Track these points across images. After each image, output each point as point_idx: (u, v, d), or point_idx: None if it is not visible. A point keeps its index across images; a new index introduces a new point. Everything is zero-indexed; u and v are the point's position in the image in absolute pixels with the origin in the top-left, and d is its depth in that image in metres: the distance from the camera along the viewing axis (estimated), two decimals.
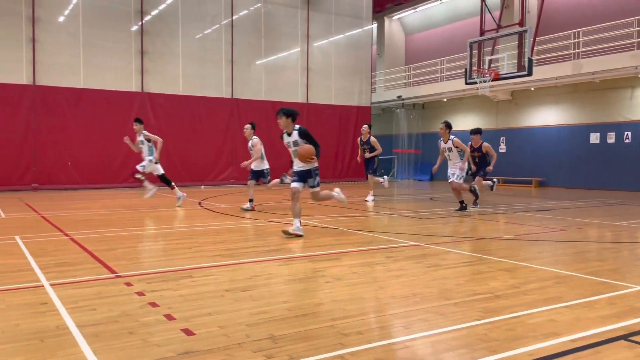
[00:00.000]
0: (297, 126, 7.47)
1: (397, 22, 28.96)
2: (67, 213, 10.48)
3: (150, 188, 12.10)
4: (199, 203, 12.80)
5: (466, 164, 10.82)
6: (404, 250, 6.53)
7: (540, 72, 18.86)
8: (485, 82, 18.12)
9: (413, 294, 4.40)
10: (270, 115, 20.81)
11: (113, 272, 5.15)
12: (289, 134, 7.50)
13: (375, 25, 27.27)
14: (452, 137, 10.72)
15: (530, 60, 16.63)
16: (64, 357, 3.00)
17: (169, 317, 3.70)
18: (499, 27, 19.48)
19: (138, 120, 11.79)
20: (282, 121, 7.45)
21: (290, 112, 7.49)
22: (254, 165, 11.10)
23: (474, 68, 18.41)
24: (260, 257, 6.01)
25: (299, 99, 21.67)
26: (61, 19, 17.28)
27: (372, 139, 13.23)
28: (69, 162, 17.11)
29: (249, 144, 11.21)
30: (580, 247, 6.98)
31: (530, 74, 16.78)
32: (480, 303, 4.12)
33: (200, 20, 19.52)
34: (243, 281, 4.83)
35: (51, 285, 4.60)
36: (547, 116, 20.70)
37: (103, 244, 6.78)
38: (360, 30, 23.23)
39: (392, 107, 26.65)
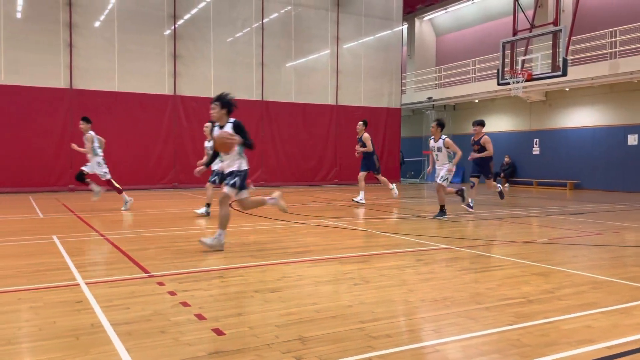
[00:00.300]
0: (232, 119, 6.66)
1: (428, 23, 28.71)
2: (102, 213, 10.72)
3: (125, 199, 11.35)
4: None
5: (454, 167, 10.22)
6: (434, 253, 6.47)
7: (576, 72, 18.42)
8: (518, 82, 17.79)
9: (443, 298, 4.35)
10: (299, 117, 20.93)
11: (146, 271, 5.24)
12: (221, 127, 6.65)
13: (405, 26, 27.10)
14: (444, 136, 10.24)
15: (565, 60, 16.26)
16: (98, 354, 3.07)
17: (200, 317, 3.75)
18: (533, 26, 19.10)
19: (85, 119, 11.25)
20: (216, 112, 6.58)
21: (228, 102, 6.64)
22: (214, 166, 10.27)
23: (507, 68, 18.10)
24: (290, 259, 6.04)
25: (329, 100, 21.70)
26: (97, 24, 17.73)
27: (365, 135, 12.77)
28: None
29: (210, 143, 10.47)
30: (618, 251, 6.78)
31: (565, 74, 16.40)
32: (513, 308, 4.05)
33: (231, 24, 19.75)
34: (272, 282, 4.86)
35: (86, 283, 4.71)
36: (583, 117, 20.20)
37: (136, 244, 6.92)
38: (390, 31, 23.11)
39: (423, 108, 26.42)
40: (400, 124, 23.63)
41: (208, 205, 10.42)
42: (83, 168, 11.23)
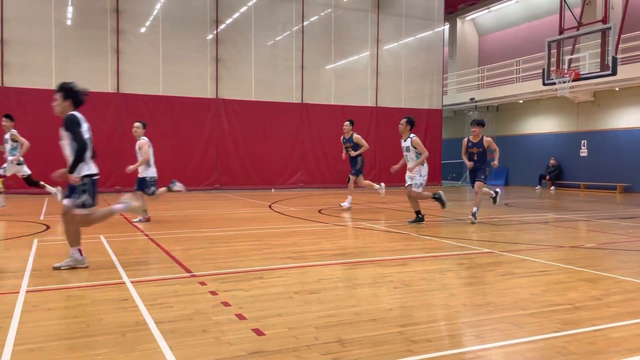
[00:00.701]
0: (71, 112, 5.45)
1: (470, 23, 28.25)
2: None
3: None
4: (269, 206, 13.05)
5: (424, 167, 9.46)
6: (476, 257, 6.35)
7: (626, 71, 17.73)
8: (564, 82, 17.28)
9: (486, 303, 4.26)
10: (339, 119, 20.93)
11: (188, 271, 5.35)
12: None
13: (447, 26, 26.73)
14: (412, 135, 9.44)
15: (614, 59, 15.69)
16: (142, 351, 3.15)
17: (240, 317, 3.80)
18: (580, 24, 18.53)
19: (8, 117, 10.96)
20: (58, 104, 5.44)
21: (71, 90, 5.45)
22: (150, 172, 9.97)
23: (553, 68, 17.61)
24: (329, 261, 6.04)
25: (368, 102, 21.63)
26: (142, 30, 18.24)
27: (356, 135, 11.98)
28: None
29: (137, 145, 9.88)
30: None
31: (614, 73, 15.83)
32: (559, 314, 3.93)
33: (272, 28, 19.96)
34: (311, 284, 4.88)
35: (132, 282, 4.85)
36: (633, 118, 19.41)
37: (179, 244, 7.07)
38: (432, 32, 22.84)
39: (465, 109, 26.00)
40: (441, 125, 23.31)
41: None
42: (27, 174, 11.11)
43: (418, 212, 9.55)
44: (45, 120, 16.69)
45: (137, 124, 9.92)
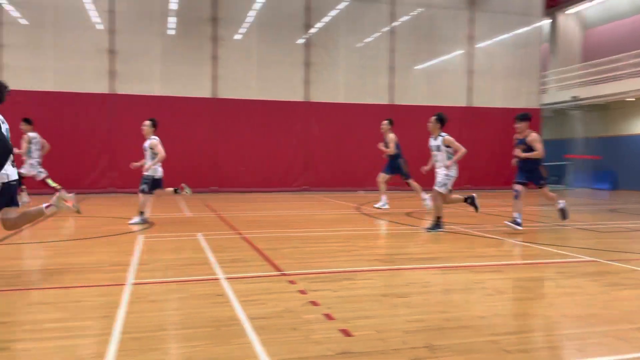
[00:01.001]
0: None
1: (573, 16, 26.56)
2: (241, 214, 11.43)
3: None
4: (358, 208, 13.07)
5: (453, 168, 8.59)
6: (578, 265, 5.95)
7: None
8: None
9: (589, 314, 3.99)
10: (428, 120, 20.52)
11: (279, 270, 5.49)
12: None
13: (547, 21, 25.35)
14: (443, 134, 8.70)
15: None
16: (236, 345, 3.28)
17: (329, 317, 3.83)
18: None
19: (26, 121, 11.42)
20: None
21: None
22: (152, 171, 9.49)
23: None
24: (417, 265, 5.94)
25: (461, 102, 21.02)
26: (238, 37, 19.02)
27: (390, 136, 11.29)
28: (242, 167, 18.72)
29: (146, 144, 9.49)
30: None
31: None
32: None
33: (361, 30, 20.01)
34: (400, 287, 4.82)
35: (226, 279, 5.06)
36: None
37: (270, 243, 7.27)
38: (529, 27, 21.78)
39: (566, 108, 24.48)
40: (539, 125, 22.13)
41: (141, 213, 9.39)
42: (20, 170, 11.05)
43: (438, 218, 8.61)
44: None
45: (146, 122, 9.59)
